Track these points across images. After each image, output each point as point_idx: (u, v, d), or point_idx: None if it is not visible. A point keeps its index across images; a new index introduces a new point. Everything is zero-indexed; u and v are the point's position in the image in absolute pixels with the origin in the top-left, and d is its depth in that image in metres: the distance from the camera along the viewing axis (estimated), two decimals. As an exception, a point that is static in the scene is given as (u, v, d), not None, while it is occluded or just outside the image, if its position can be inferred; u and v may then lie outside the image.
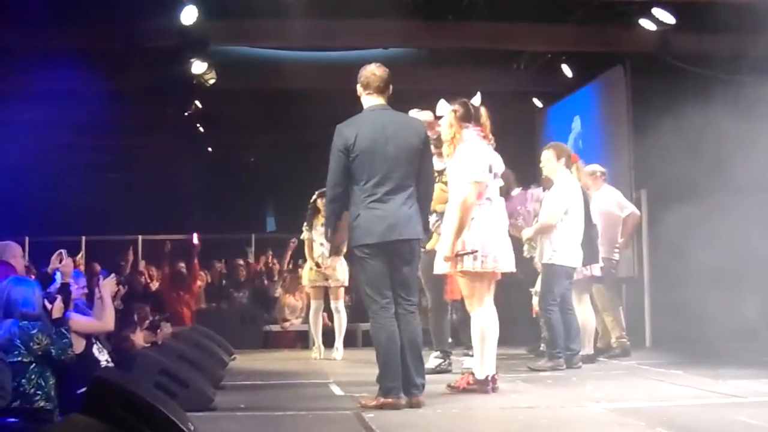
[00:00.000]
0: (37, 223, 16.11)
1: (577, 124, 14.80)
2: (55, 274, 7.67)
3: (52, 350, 6.63)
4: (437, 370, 9.43)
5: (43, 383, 6.58)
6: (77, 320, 7.60)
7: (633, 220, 11.49)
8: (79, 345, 7.52)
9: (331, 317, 12.24)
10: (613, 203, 11.29)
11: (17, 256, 8.12)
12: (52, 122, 16.13)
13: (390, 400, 6.94)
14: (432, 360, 9.55)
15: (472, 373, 7.79)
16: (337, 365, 11.13)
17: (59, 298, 7.13)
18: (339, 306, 11.95)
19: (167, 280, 15.44)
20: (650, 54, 13.53)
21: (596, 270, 10.49)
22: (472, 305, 7.82)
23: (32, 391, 6.54)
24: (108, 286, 8.13)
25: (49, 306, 7.00)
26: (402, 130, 7.21)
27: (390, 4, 13.00)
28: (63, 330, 6.80)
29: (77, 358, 7.32)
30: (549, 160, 10.09)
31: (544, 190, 10.43)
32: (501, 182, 8.10)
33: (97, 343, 7.83)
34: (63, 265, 7.64)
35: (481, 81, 7.78)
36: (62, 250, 7.87)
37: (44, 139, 16.58)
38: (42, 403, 6.52)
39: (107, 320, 7.93)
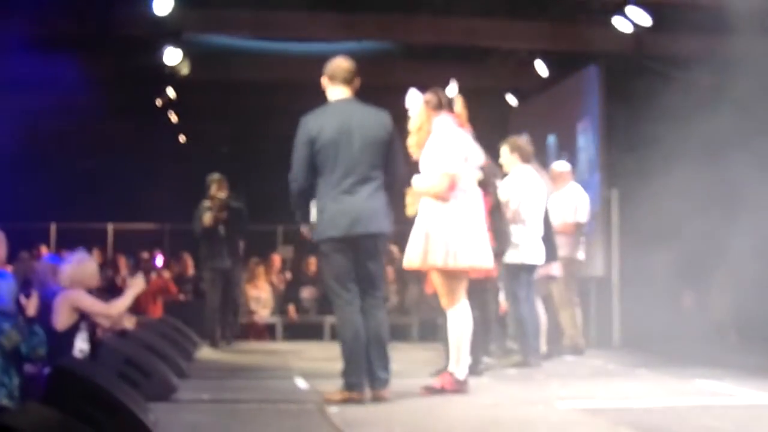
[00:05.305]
0: (5, 209, 15.98)
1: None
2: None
3: (22, 347, 6.28)
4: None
5: (7, 380, 6.19)
6: (82, 297, 7.57)
7: (575, 225, 11.11)
8: (68, 320, 7.48)
9: (299, 309, 12.18)
10: (570, 205, 11.14)
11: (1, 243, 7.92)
12: (22, 108, 16.00)
13: (354, 394, 6.91)
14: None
15: (452, 374, 7.52)
16: (303, 359, 11.09)
17: (35, 294, 6.99)
18: None
19: (134, 270, 15.36)
20: (625, 54, 13.56)
21: (554, 269, 10.42)
22: (447, 303, 7.56)
23: None
24: (137, 285, 8.09)
25: (24, 301, 6.83)
26: (367, 122, 7.15)
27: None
28: (35, 328, 6.54)
29: (56, 334, 7.25)
30: (504, 155, 9.96)
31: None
32: (479, 174, 7.84)
33: (83, 331, 7.71)
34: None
35: (455, 76, 7.75)
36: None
37: (14, 125, 16.44)
38: (4, 401, 6.14)
39: (116, 307, 7.87)
